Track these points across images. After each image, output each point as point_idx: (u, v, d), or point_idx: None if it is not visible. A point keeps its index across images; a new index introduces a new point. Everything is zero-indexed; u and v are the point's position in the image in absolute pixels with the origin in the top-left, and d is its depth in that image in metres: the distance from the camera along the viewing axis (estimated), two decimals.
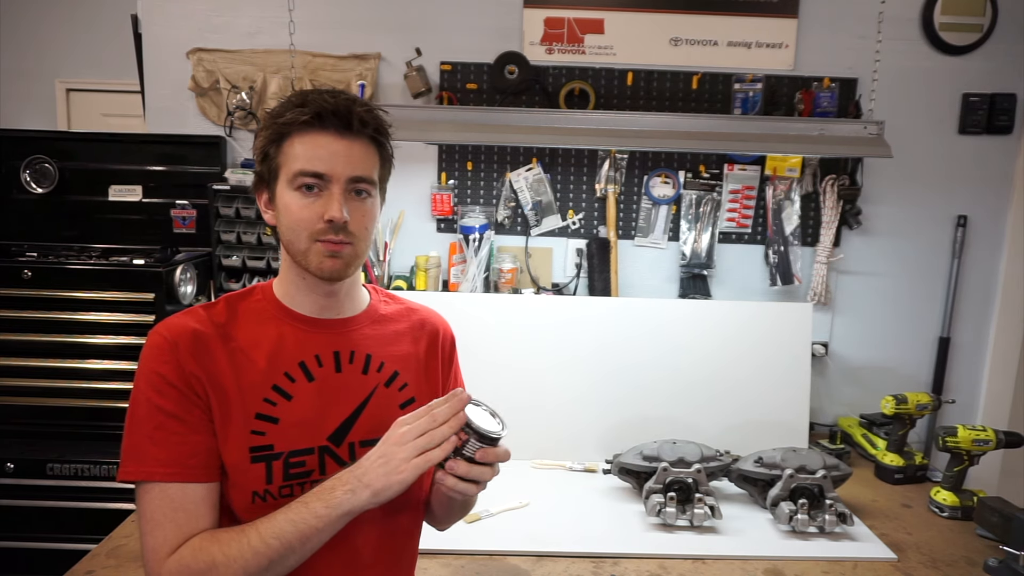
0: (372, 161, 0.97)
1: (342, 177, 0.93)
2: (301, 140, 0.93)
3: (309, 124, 0.93)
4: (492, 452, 0.92)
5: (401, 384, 1.05)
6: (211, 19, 2.27)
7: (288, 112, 0.93)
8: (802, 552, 1.57)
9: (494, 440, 0.92)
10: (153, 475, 0.88)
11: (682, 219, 2.34)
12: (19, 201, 2.33)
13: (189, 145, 2.32)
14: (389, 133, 1.00)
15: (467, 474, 0.90)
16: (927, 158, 2.32)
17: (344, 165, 0.93)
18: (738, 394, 2.08)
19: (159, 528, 0.88)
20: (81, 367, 2.02)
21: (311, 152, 0.93)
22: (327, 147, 0.93)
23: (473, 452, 0.91)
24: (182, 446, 0.90)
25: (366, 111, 0.95)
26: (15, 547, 2.00)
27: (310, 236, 0.94)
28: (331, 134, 0.93)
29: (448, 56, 2.28)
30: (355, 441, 0.99)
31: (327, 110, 0.92)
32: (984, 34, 2.26)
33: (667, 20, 2.27)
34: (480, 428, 0.91)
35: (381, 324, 1.07)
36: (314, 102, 0.93)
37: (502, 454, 0.93)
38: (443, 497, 1.08)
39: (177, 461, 0.89)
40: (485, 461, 0.91)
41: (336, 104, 0.93)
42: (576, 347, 2.08)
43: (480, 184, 2.34)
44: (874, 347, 2.40)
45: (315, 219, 0.93)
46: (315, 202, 0.93)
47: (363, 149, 0.95)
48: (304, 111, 0.92)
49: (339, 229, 0.93)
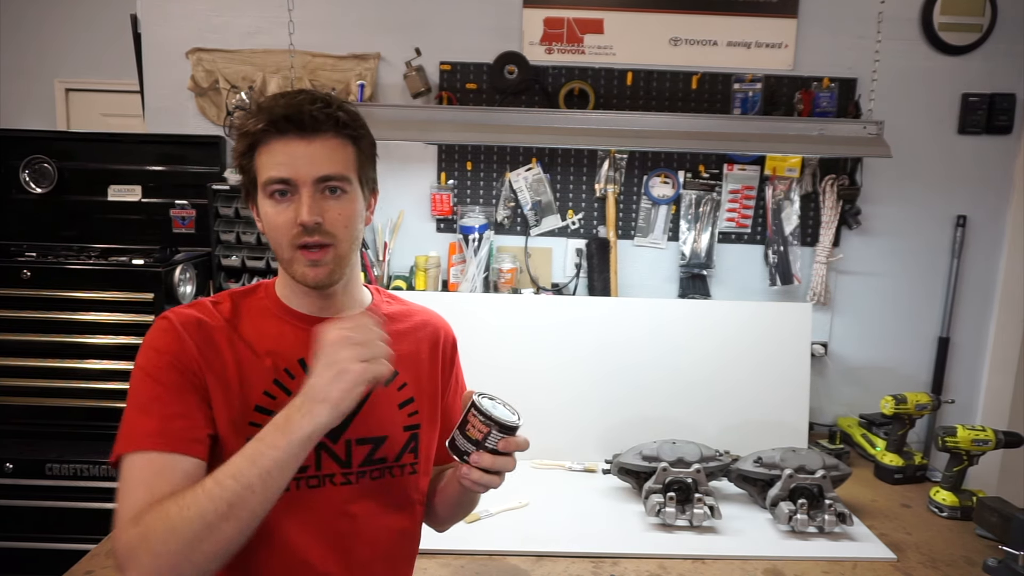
0: (341, 157, 0.95)
1: (307, 179, 0.92)
2: (267, 149, 0.93)
3: (268, 132, 0.92)
4: (514, 442, 0.93)
5: (400, 384, 1.05)
6: (211, 19, 2.27)
7: (248, 123, 0.94)
8: (802, 552, 1.57)
9: (514, 429, 0.93)
10: (140, 444, 0.86)
11: (682, 219, 2.34)
12: (18, 201, 2.32)
13: (188, 145, 2.32)
14: (359, 124, 0.98)
15: (492, 466, 0.92)
16: (927, 158, 2.32)
17: (307, 166, 0.92)
18: (738, 394, 2.08)
19: (132, 494, 0.83)
20: (80, 367, 2.02)
21: (274, 159, 0.92)
22: (287, 151, 0.92)
23: (496, 443, 0.92)
24: (173, 419, 0.88)
25: (321, 107, 0.93)
26: (15, 547, 1.99)
27: (290, 243, 0.94)
28: (290, 138, 0.92)
29: (448, 56, 2.28)
30: (352, 439, 1.00)
31: (279, 115, 0.91)
32: (984, 34, 2.26)
33: (667, 20, 2.27)
34: (501, 418, 0.92)
35: (382, 324, 1.08)
36: (267, 109, 0.92)
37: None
38: (452, 497, 1.08)
39: (165, 431, 0.87)
40: (507, 451, 0.93)
41: (287, 107, 0.91)
42: (576, 347, 2.08)
43: (480, 184, 2.34)
44: (874, 347, 2.40)
45: (289, 224, 0.93)
46: (288, 208, 0.93)
47: (326, 147, 0.93)
48: (259, 120, 0.92)
49: (313, 231, 0.93)
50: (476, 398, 0.95)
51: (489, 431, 0.92)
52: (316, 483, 0.98)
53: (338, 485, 0.99)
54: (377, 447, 1.02)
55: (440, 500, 1.12)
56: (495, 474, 0.93)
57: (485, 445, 0.92)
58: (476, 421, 0.93)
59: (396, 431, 1.04)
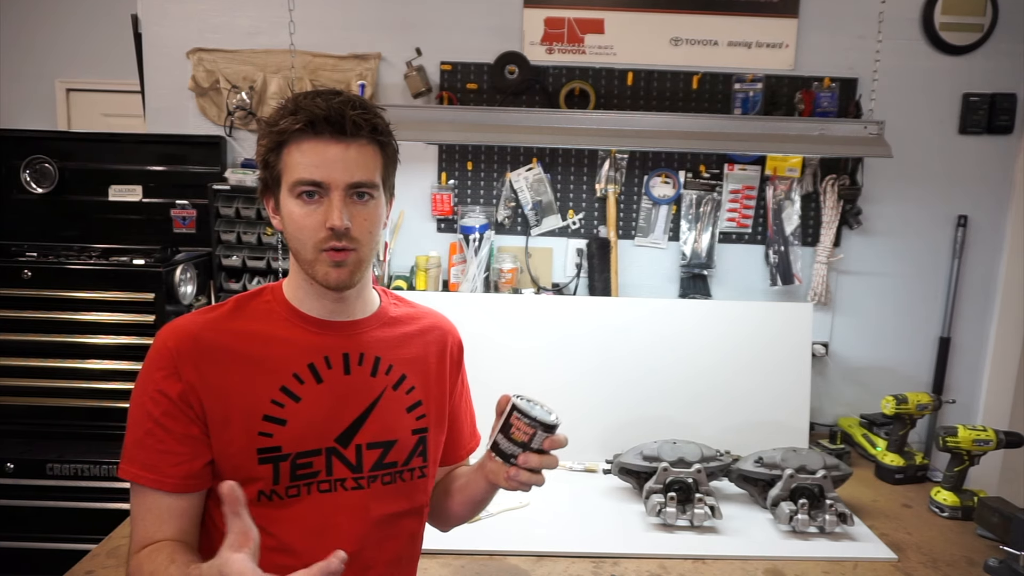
0: (372, 162, 0.95)
1: (341, 184, 0.92)
2: (298, 148, 0.92)
3: (303, 132, 0.91)
4: (557, 440, 0.95)
5: (409, 387, 1.05)
6: (211, 19, 2.27)
7: (282, 120, 0.92)
8: (802, 552, 1.57)
9: (555, 428, 0.95)
10: (138, 476, 0.91)
11: (682, 219, 2.34)
12: (19, 201, 2.33)
13: (189, 145, 2.32)
14: (389, 131, 0.98)
15: (540, 465, 0.95)
16: (927, 158, 2.32)
17: (342, 171, 0.92)
18: (738, 394, 2.08)
19: (135, 523, 0.93)
20: (81, 367, 2.02)
21: (307, 160, 0.91)
22: (322, 154, 0.91)
23: (541, 443, 0.94)
24: (165, 455, 0.91)
25: (360, 113, 0.92)
26: (15, 547, 2.00)
27: (315, 246, 0.93)
28: (326, 140, 0.91)
29: (448, 56, 2.28)
30: (362, 443, 1.00)
31: (319, 116, 0.90)
32: (984, 34, 2.25)
33: (667, 20, 2.27)
34: (544, 419, 0.93)
35: (391, 327, 1.07)
36: (306, 108, 0.91)
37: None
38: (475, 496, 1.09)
39: (157, 468, 0.91)
40: (552, 449, 0.95)
41: (328, 109, 0.90)
42: (576, 347, 2.07)
43: (480, 184, 2.34)
44: (874, 347, 2.40)
45: (318, 227, 0.92)
46: (316, 210, 0.92)
47: (361, 152, 0.93)
48: (296, 119, 0.91)
49: (341, 236, 0.92)
50: (516, 400, 0.96)
51: (535, 432, 0.93)
52: (328, 487, 0.98)
53: (349, 490, 0.99)
54: (387, 451, 1.02)
55: (459, 500, 1.12)
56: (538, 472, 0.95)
57: (531, 446, 0.94)
58: (520, 424, 0.94)
59: (405, 435, 1.04)
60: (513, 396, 0.96)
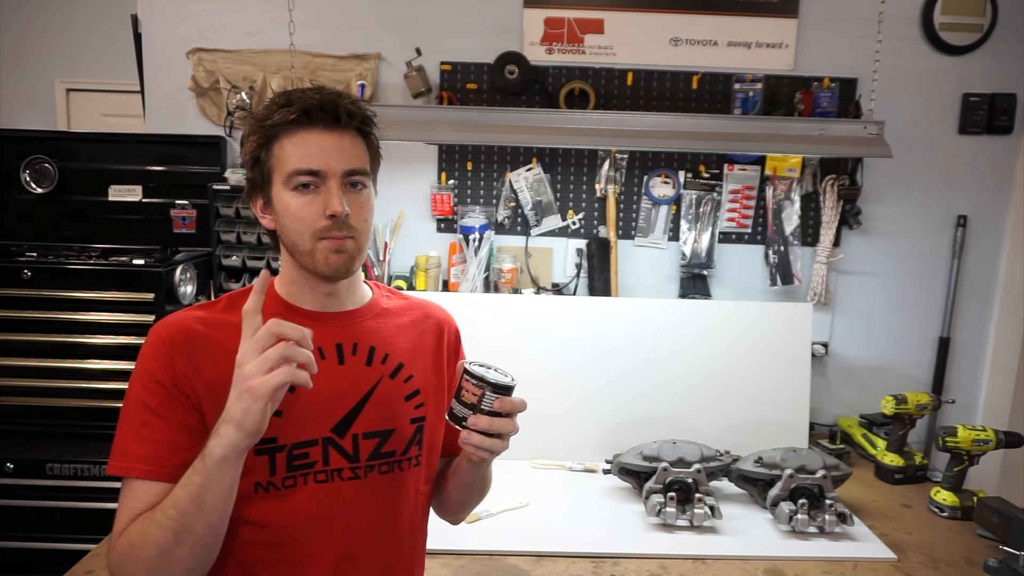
0: (362, 153, 0.98)
1: (337, 171, 0.94)
2: (291, 140, 0.94)
3: (297, 123, 0.93)
4: (509, 401, 0.93)
5: (406, 376, 1.05)
6: (211, 19, 2.27)
7: (274, 113, 0.94)
8: (802, 552, 1.57)
9: (509, 389, 0.93)
10: (131, 470, 0.90)
11: (682, 219, 2.34)
12: (19, 201, 2.33)
13: (189, 145, 2.32)
14: (375, 124, 1.01)
15: (490, 427, 0.92)
16: (927, 158, 2.32)
17: (338, 159, 0.94)
18: (738, 394, 2.08)
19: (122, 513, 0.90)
20: (81, 367, 2.02)
21: (303, 150, 0.93)
22: (318, 143, 0.94)
23: (491, 404, 0.92)
24: (163, 444, 0.90)
25: (351, 103, 0.96)
26: (15, 547, 2.00)
27: (313, 235, 0.95)
28: (320, 130, 0.94)
29: (448, 56, 2.28)
30: (359, 432, 0.99)
31: (314, 106, 0.93)
32: (984, 34, 2.25)
33: (667, 20, 2.27)
34: (492, 379, 0.92)
35: (384, 318, 1.08)
36: (300, 100, 0.93)
37: (519, 403, 0.94)
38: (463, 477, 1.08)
39: (155, 459, 0.90)
40: (503, 411, 0.93)
41: (322, 99, 0.93)
42: (576, 347, 2.07)
43: (480, 184, 2.34)
44: (874, 347, 2.40)
45: (317, 216, 0.94)
46: (314, 199, 0.94)
47: (352, 141, 0.97)
48: (291, 110, 0.93)
49: (341, 224, 0.94)
50: (467, 364, 0.95)
51: (483, 393, 0.92)
52: (324, 478, 0.98)
53: (346, 480, 0.99)
54: (385, 440, 1.02)
55: (453, 484, 1.12)
56: (496, 437, 0.94)
57: (481, 408, 0.92)
58: (469, 385, 0.93)
59: (403, 423, 1.04)
60: (466, 360, 0.96)
